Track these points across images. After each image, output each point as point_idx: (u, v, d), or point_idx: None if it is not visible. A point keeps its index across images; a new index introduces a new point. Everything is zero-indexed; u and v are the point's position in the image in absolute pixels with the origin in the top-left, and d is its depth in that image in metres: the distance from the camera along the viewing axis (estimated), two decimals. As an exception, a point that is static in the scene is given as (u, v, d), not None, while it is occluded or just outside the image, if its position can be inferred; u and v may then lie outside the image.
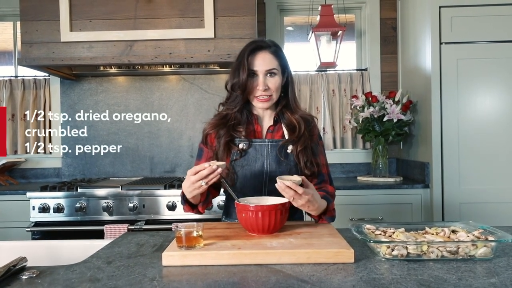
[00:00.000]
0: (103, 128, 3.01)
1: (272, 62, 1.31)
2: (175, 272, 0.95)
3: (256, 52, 1.32)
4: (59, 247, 1.30)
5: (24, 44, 2.55)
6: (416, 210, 2.49)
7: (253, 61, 1.31)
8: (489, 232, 1.08)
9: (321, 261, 0.99)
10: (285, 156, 1.34)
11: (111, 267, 0.99)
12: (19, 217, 2.43)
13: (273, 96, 1.34)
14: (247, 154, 1.35)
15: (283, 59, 1.35)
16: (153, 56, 2.52)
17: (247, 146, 1.35)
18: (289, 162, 1.35)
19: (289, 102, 1.38)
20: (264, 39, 1.38)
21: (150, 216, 2.37)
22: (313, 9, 2.99)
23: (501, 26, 2.37)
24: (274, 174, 1.29)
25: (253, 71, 1.31)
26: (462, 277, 0.88)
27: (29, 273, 0.93)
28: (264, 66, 1.31)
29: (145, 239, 1.27)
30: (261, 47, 1.32)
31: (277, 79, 1.33)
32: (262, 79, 1.31)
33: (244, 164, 1.34)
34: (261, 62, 1.31)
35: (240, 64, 1.31)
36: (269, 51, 1.32)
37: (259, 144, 1.36)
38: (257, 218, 1.15)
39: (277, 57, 1.33)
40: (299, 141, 1.33)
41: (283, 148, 1.35)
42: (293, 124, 1.35)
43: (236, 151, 1.34)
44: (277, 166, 1.34)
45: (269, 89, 1.32)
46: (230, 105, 1.36)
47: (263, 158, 1.35)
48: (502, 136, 2.38)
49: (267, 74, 1.32)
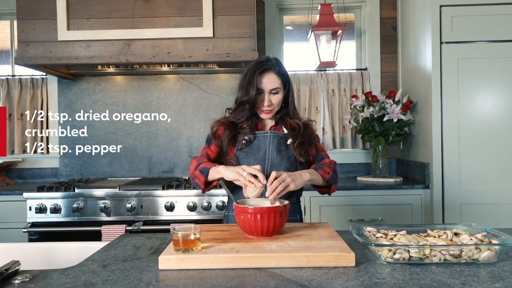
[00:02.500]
0: (101, 128, 2.99)
1: (276, 82, 1.48)
2: (172, 277, 0.93)
3: (264, 73, 1.48)
4: (55, 249, 1.28)
5: (21, 43, 2.52)
6: (416, 211, 2.47)
7: (261, 81, 1.48)
8: (492, 235, 1.06)
9: (321, 265, 0.97)
10: (285, 146, 1.51)
11: (106, 271, 0.97)
12: (16, 217, 2.41)
13: (275, 109, 1.52)
14: (251, 144, 1.51)
15: (285, 76, 1.52)
16: (151, 55, 2.49)
17: (251, 139, 1.52)
18: (288, 151, 1.52)
19: (289, 111, 1.56)
20: (269, 58, 1.52)
21: (148, 216, 2.35)
22: (312, 8, 2.97)
23: (502, 26, 2.35)
24: (275, 161, 1.49)
25: (260, 89, 1.48)
26: (466, 281, 0.86)
27: (22, 277, 0.91)
28: (269, 85, 1.48)
29: (141, 242, 1.25)
30: (267, 69, 1.48)
31: (279, 96, 1.50)
32: (267, 97, 1.48)
33: (248, 152, 1.50)
34: (267, 81, 1.47)
35: (249, 83, 1.47)
36: (274, 71, 1.49)
37: (262, 135, 1.53)
38: (256, 220, 1.13)
39: (280, 76, 1.50)
40: (298, 136, 1.51)
41: (283, 139, 1.52)
42: (293, 126, 1.52)
43: (242, 141, 1.51)
44: (278, 154, 1.50)
45: (272, 104, 1.50)
46: (237, 116, 1.53)
47: (265, 147, 1.51)
48: (503, 136, 2.36)
49: (271, 92, 1.48)
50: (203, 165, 1.43)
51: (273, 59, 1.52)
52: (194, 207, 2.33)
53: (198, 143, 2.96)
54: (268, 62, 1.50)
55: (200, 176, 1.42)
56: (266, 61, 1.50)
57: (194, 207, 2.33)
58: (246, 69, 1.50)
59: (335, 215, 2.45)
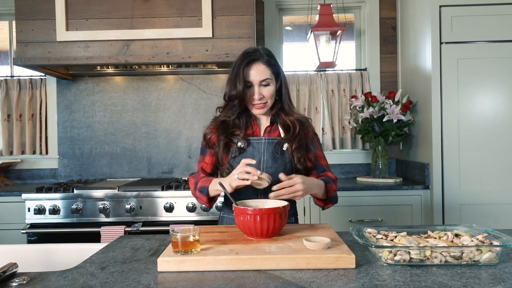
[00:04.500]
0: (100, 129, 2.98)
1: (265, 72, 1.39)
2: (171, 279, 0.92)
3: (251, 64, 1.39)
4: (53, 251, 1.27)
5: (20, 43, 2.52)
6: (416, 211, 2.46)
7: (248, 73, 1.38)
8: (493, 236, 1.05)
9: (321, 267, 0.97)
10: (280, 153, 1.43)
11: (104, 273, 0.96)
12: (15, 219, 2.40)
13: (268, 103, 1.43)
14: (245, 151, 1.43)
15: (275, 67, 1.43)
16: (150, 55, 2.49)
17: (245, 145, 1.43)
18: (284, 159, 1.43)
19: (284, 105, 1.47)
20: (257, 48, 1.44)
21: (147, 217, 2.34)
22: (312, 8, 2.96)
23: (502, 26, 2.35)
24: (270, 170, 1.40)
25: (248, 82, 1.39)
26: (467, 283, 0.85)
27: (20, 279, 0.90)
28: (258, 76, 1.38)
29: (140, 243, 1.24)
30: (254, 59, 1.39)
31: (271, 88, 1.41)
32: (257, 89, 1.39)
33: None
34: (255, 72, 1.38)
35: (237, 76, 1.38)
36: (262, 62, 1.39)
37: (257, 142, 1.44)
38: (256, 221, 1.12)
39: (270, 66, 1.41)
40: (295, 139, 1.42)
41: (278, 145, 1.43)
42: (288, 125, 1.44)
43: (235, 149, 1.43)
44: (273, 162, 1.42)
45: (264, 97, 1.41)
46: (228, 113, 1.45)
47: (260, 155, 1.43)
48: (503, 136, 2.35)
49: (261, 84, 1.39)
50: (200, 184, 1.41)
51: (261, 49, 1.43)
52: (194, 208, 2.32)
53: (197, 143, 2.95)
54: (256, 52, 1.40)
55: (201, 196, 1.41)
56: (253, 52, 1.40)
57: (193, 208, 2.32)
58: (234, 62, 1.42)
59: (335, 216, 2.44)
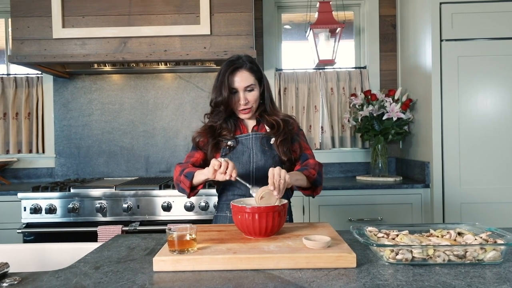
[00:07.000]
0: (97, 127, 2.95)
1: (249, 79, 1.46)
2: (167, 279, 0.89)
3: (235, 71, 1.46)
4: (47, 250, 1.24)
5: (15, 40, 2.49)
6: (416, 210, 2.44)
7: (233, 80, 1.46)
8: (497, 234, 1.03)
9: (321, 266, 0.94)
10: (268, 146, 1.49)
11: (98, 273, 0.93)
12: (10, 218, 2.38)
13: (253, 107, 1.50)
14: (235, 149, 1.49)
15: (258, 73, 1.50)
16: (147, 53, 2.46)
17: (234, 143, 1.49)
18: (273, 151, 1.49)
19: (266, 107, 1.54)
20: (240, 56, 1.50)
21: (145, 217, 2.31)
22: (311, 6, 2.94)
23: (502, 23, 2.33)
24: (260, 163, 1.47)
25: (234, 89, 1.46)
26: (471, 283, 0.83)
27: (11, 280, 0.87)
28: (243, 83, 1.46)
29: (136, 242, 1.22)
30: (238, 67, 1.46)
31: (255, 92, 1.48)
32: (242, 95, 1.46)
33: (233, 157, 1.47)
34: (239, 79, 1.46)
35: (222, 84, 1.44)
36: (245, 69, 1.47)
37: (245, 138, 1.51)
38: (254, 220, 1.10)
39: (253, 72, 1.48)
40: (280, 134, 1.49)
41: (265, 139, 1.50)
42: (272, 123, 1.50)
43: (225, 147, 1.49)
44: (262, 155, 1.48)
45: (249, 102, 1.48)
46: (214, 119, 1.51)
47: (249, 150, 1.49)
48: (504, 135, 2.33)
49: (246, 89, 1.46)
50: (187, 170, 1.41)
51: (244, 56, 1.50)
52: (192, 207, 2.30)
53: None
54: (239, 60, 1.47)
55: (185, 180, 1.40)
56: (236, 60, 1.48)
57: (191, 207, 2.30)
58: (219, 70, 1.48)
59: (334, 215, 2.42)
